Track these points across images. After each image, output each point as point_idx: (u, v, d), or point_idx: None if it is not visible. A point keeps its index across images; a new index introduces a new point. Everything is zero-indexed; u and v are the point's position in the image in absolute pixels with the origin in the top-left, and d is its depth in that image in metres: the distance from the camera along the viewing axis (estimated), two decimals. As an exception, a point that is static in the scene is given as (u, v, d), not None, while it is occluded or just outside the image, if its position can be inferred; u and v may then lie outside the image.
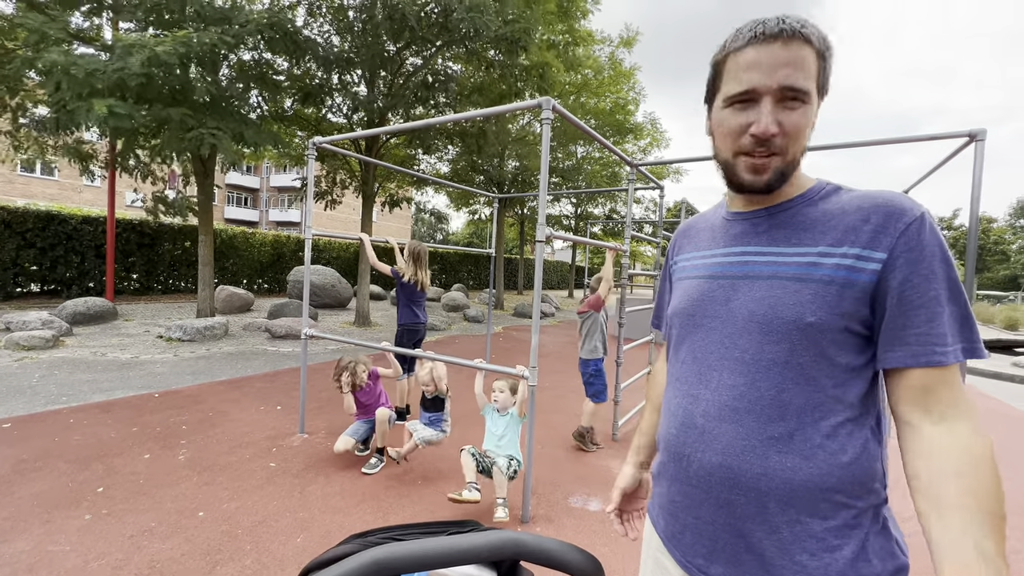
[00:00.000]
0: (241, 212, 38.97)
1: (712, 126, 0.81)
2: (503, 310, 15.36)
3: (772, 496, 0.72)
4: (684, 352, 0.87)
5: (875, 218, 0.70)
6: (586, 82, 14.06)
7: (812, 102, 0.73)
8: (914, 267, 0.67)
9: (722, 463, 0.75)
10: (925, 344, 0.67)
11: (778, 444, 0.72)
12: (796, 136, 0.73)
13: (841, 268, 0.70)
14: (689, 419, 0.81)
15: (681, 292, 0.90)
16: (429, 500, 2.90)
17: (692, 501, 0.80)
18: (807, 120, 0.73)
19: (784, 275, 0.74)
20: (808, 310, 0.71)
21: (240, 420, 4.06)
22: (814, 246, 0.73)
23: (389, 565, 0.48)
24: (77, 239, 10.39)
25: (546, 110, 2.58)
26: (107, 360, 5.89)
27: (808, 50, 0.71)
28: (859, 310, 0.70)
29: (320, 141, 3.74)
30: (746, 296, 0.77)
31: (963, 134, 2.87)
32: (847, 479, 0.70)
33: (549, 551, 0.55)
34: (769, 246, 0.78)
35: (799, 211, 0.77)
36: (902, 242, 0.68)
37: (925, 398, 0.68)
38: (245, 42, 6.88)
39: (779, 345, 0.72)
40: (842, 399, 0.71)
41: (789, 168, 0.75)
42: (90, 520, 2.47)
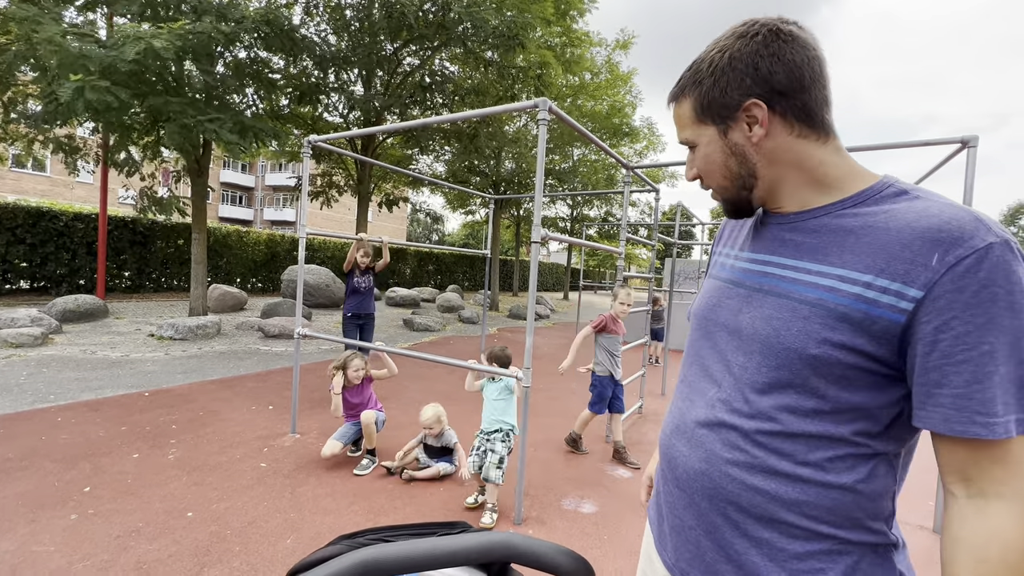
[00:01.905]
0: (235, 211, 38.73)
1: None
2: (498, 311, 15.34)
3: (751, 514, 0.69)
4: (692, 354, 0.85)
5: (918, 243, 0.58)
6: (583, 85, 14.11)
7: (705, 143, 0.76)
8: (960, 311, 0.55)
9: (703, 471, 0.74)
10: (963, 410, 0.55)
11: (762, 465, 0.68)
12: (708, 175, 0.78)
13: (861, 300, 0.61)
14: (682, 423, 0.80)
15: (705, 290, 0.88)
16: (421, 502, 2.89)
17: (678, 504, 0.80)
18: (705, 158, 0.76)
19: (797, 296, 0.67)
20: (813, 341, 0.64)
21: (231, 420, 4.02)
22: (838, 267, 0.64)
23: (377, 566, 0.47)
24: (68, 236, 10.29)
25: (542, 111, 2.57)
26: (97, 358, 5.82)
27: (683, 105, 0.76)
28: (877, 350, 0.61)
29: (316, 139, 3.72)
30: (755, 312, 0.73)
31: (956, 140, 2.89)
32: (837, 510, 0.65)
33: (539, 553, 0.54)
34: (792, 258, 0.71)
35: (833, 219, 0.68)
36: (948, 279, 0.56)
37: (966, 469, 0.58)
38: (241, 39, 6.85)
39: (778, 371, 0.67)
40: (845, 436, 0.65)
41: (732, 197, 0.77)
42: (76, 520, 2.44)
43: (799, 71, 0.67)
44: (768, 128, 0.70)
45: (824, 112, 0.69)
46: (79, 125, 8.29)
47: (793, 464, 0.67)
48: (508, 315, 14.56)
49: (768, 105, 0.68)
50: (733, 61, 0.69)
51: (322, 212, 12.87)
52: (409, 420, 4.30)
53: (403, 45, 9.52)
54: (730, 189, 0.76)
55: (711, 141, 0.75)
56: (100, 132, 8.21)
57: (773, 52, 0.67)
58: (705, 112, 0.74)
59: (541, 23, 9.60)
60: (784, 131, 0.69)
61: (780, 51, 0.67)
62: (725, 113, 0.72)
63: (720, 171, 0.76)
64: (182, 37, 5.81)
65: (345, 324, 4.99)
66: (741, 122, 0.71)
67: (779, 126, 0.69)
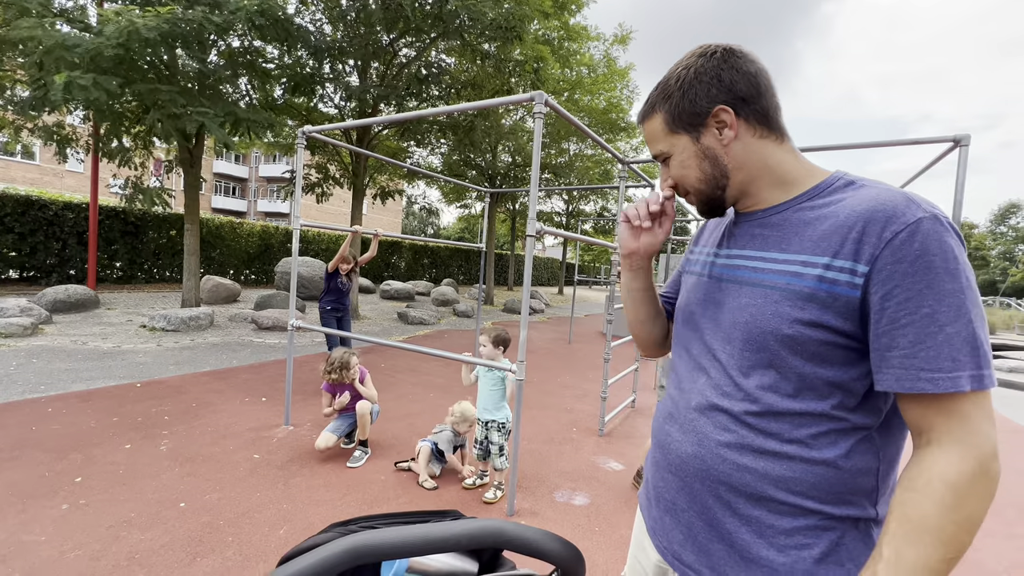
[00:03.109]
0: (228, 202, 38.38)
1: None
2: (493, 306, 15.35)
3: (741, 492, 0.74)
4: (681, 347, 0.91)
5: (860, 224, 0.66)
6: (580, 79, 14.05)
7: (678, 151, 0.82)
8: (900, 280, 0.62)
9: (695, 454, 0.78)
10: (909, 368, 0.61)
11: (752, 445, 0.73)
12: (683, 179, 0.83)
13: (823, 280, 0.68)
14: (675, 410, 0.85)
15: (688, 287, 0.94)
16: (414, 492, 2.90)
17: (670, 488, 0.84)
18: (681, 167, 0.82)
19: (767, 283, 0.75)
20: (785, 322, 0.70)
21: (224, 411, 4.01)
22: (799, 253, 0.72)
23: (368, 552, 0.48)
24: (58, 225, 10.16)
25: (539, 104, 2.57)
26: (88, 349, 5.78)
27: (653, 120, 0.83)
28: (843, 325, 0.67)
29: (310, 130, 3.69)
30: (733, 302, 0.79)
31: (948, 139, 2.91)
32: (821, 486, 0.69)
33: (529, 540, 0.55)
34: (760, 250, 0.78)
35: (792, 214, 0.77)
36: (887, 252, 0.63)
37: (918, 422, 0.64)
38: (234, 27, 6.75)
39: (759, 354, 0.74)
40: (826, 412, 0.69)
41: (707, 200, 0.83)
42: (67, 510, 2.43)
43: (755, 80, 0.76)
44: (736, 131, 0.78)
45: (778, 116, 0.79)
46: (69, 113, 8.16)
47: (780, 442, 0.71)
48: (503, 309, 14.56)
49: (734, 110, 0.77)
50: (699, 75, 0.78)
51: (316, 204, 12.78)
52: (403, 412, 4.31)
53: (399, 36, 9.42)
54: (704, 191, 0.82)
55: (685, 148, 0.81)
56: (91, 120, 8.08)
57: (732, 65, 0.76)
58: (677, 122, 0.81)
59: (539, 16, 9.53)
60: (748, 133, 0.78)
61: (737, 64, 0.76)
62: (696, 121, 0.79)
63: (695, 174, 0.82)
64: (170, 22, 5.71)
65: (324, 316, 5.03)
66: (711, 127, 0.78)
67: (744, 129, 0.78)
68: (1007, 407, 6.39)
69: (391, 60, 10.09)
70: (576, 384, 5.96)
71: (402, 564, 0.67)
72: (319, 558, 0.46)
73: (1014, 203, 50.17)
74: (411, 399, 4.76)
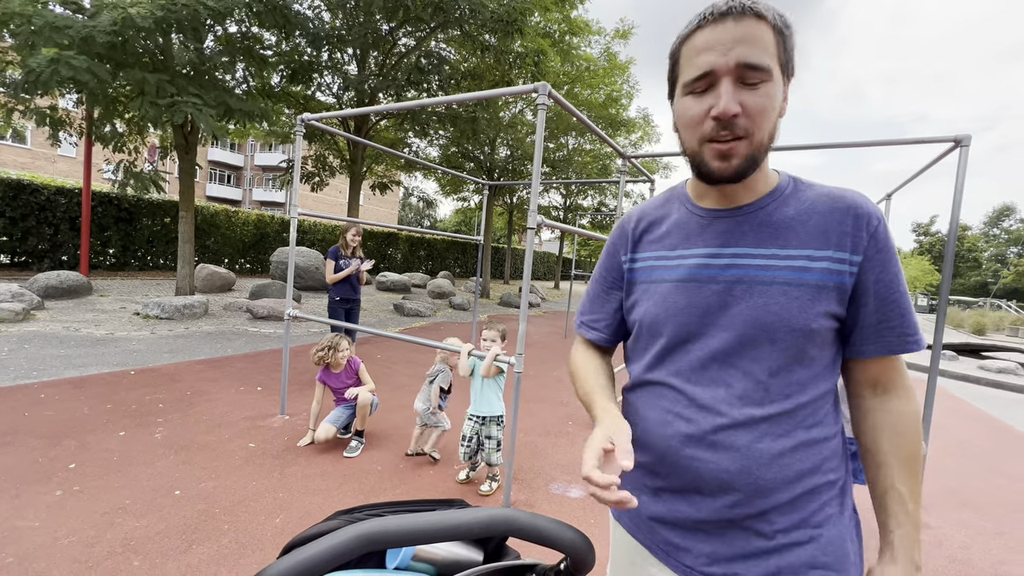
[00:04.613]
0: (224, 190, 38.02)
1: (676, 119, 0.79)
2: (489, 299, 15.34)
3: (789, 490, 0.73)
4: (675, 363, 0.81)
5: (849, 220, 0.73)
6: (580, 74, 13.98)
7: (775, 80, 0.69)
8: (884, 267, 0.73)
9: (743, 469, 0.73)
10: (901, 336, 0.74)
11: (793, 443, 0.74)
12: (760, 117, 0.69)
13: (830, 272, 0.72)
14: (695, 432, 0.77)
15: (659, 297, 0.83)
16: (410, 483, 2.90)
17: (700, 510, 0.78)
18: (771, 100, 0.69)
19: (783, 280, 0.73)
20: (811, 316, 0.72)
21: (219, 400, 3.99)
22: (801, 248, 0.74)
23: (380, 539, 0.47)
24: (50, 210, 10.04)
25: (541, 95, 2.55)
26: (81, 336, 5.73)
27: (763, 26, 0.68)
28: (840, 311, 0.74)
29: (309, 118, 3.65)
30: (748, 302, 0.75)
31: (949, 139, 2.92)
32: (832, 456, 0.76)
33: (542, 528, 0.54)
34: (759, 247, 0.76)
35: (776, 209, 0.77)
36: (872, 244, 0.72)
37: (878, 378, 0.78)
38: (232, 13, 6.65)
39: (787, 352, 0.73)
40: (829, 390, 0.77)
41: (758, 154, 0.72)
42: (61, 496, 2.41)
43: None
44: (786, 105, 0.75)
45: None
46: (62, 96, 8.03)
47: (809, 429, 0.75)
48: (499, 302, 14.56)
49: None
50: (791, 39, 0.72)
51: (313, 194, 12.71)
52: (399, 404, 4.30)
53: (399, 25, 9.33)
54: (765, 143, 0.72)
55: (778, 86, 0.70)
56: (84, 104, 7.96)
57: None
58: (782, 52, 0.70)
59: (540, 9, 9.46)
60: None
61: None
62: (790, 68, 0.73)
63: (771, 123, 0.71)
64: (164, 8, 5.62)
65: (332, 307, 4.95)
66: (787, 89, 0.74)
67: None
68: (995, 408, 6.47)
69: (390, 49, 10.00)
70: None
71: (408, 552, 0.67)
72: (331, 544, 0.45)
73: (1008, 206, 50.60)
74: (407, 390, 4.76)
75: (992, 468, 4.03)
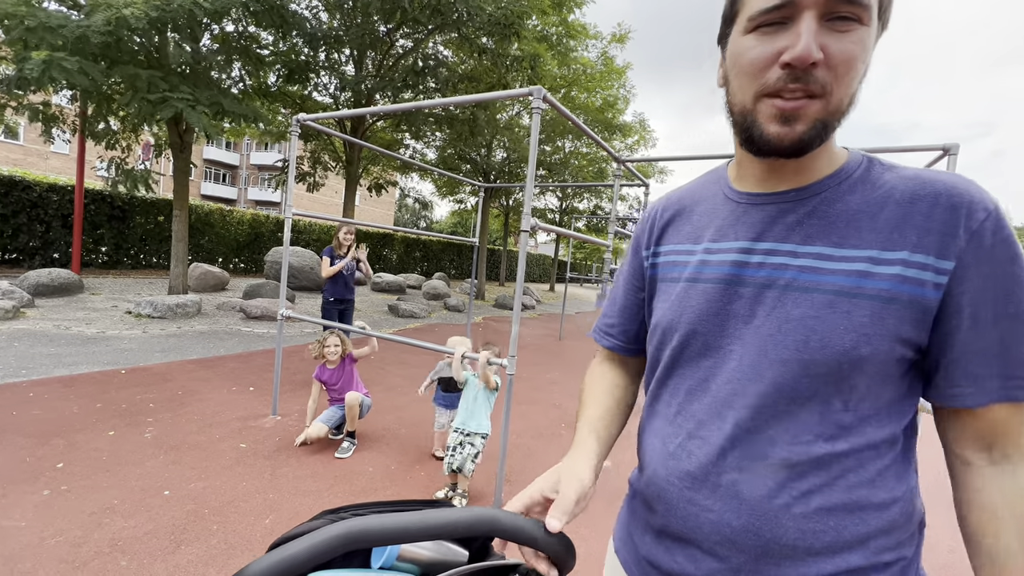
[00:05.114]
0: (218, 189, 37.84)
1: (727, 66, 0.61)
2: (484, 301, 15.34)
3: (811, 562, 0.57)
4: (683, 380, 0.68)
5: (938, 212, 0.54)
6: (577, 77, 14.04)
7: (871, 26, 0.53)
8: (991, 278, 0.52)
9: (747, 526, 0.58)
10: (1003, 377, 0.52)
11: (819, 501, 0.57)
12: (846, 71, 0.52)
13: (903, 280, 0.53)
14: (699, 469, 0.63)
15: (675, 299, 0.69)
16: (401, 485, 2.90)
17: (701, 569, 0.63)
18: (864, 50, 0.53)
19: (830, 287, 0.56)
20: (863, 338, 0.54)
21: (211, 400, 3.97)
22: (863, 248, 0.56)
23: (362, 537, 0.48)
24: (42, 207, 9.96)
25: (536, 99, 2.56)
26: (71, 334, 5.68)
27: None
28: (919, 335, 0.54)
29: (305, 118, 3.65)
30: (778, 314, 0.59)
31: (938, 147, 2.96)
32: (890, 530, 0.58)
33: (523, 529, 0.55)
34: (805, 244, 0.59)
35: (838, 195, 0.59)
36: (974, 245, 0.52)
37: (993, 435, 0.54)
38: (228, 12, 6.64)
39: (824, 383, 0.56)
40: (887, 439, 0.58)
41: (833, 121, 0.55)
42: (48, 496, 2.39)
43: None
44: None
45: None
46: (55, 93, 7.99)
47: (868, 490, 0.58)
48: (494, 304, 14.57)
49: None
50: None
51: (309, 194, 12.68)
52: (392, 405, 4.30)
53: (396, 27, 9.34)
54: (843, 108, 0.55)
55: (873, 35, 0.54)
56: (78, 101, 7.92)
57: None
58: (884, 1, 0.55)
59: (537, 12, 9.51)
60: None
61: None
62: (886, 15, 0.56)
63: (856, 82, 0.55)
64: (158, 8, 5.60)
65: (325, 308, 4.96)
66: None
67: None
68: None
69: (388, 51, 10.01)
70: (565, 380, 6.00)
71: (392, 552, 0.67)
72: (313, 542, 0.46)
73: (998, 213, 51.22)
74: (400, 392, 4.75)
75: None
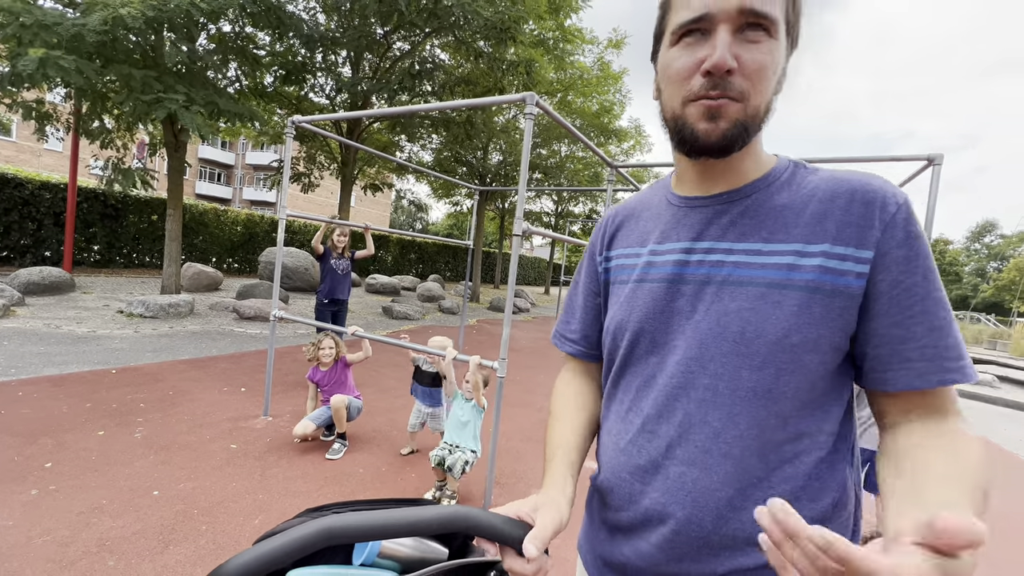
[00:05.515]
0: (213, 188, 37.64)
1: (659, 78, 0.66)
2: (479, 303, 15.35)
3: (749, 552, 0.59)
4: (634, 377, 0.70)
5: (855, 207, 0.58)
6: (573, 82, 14.12)
7: (779, 40, 0.58)
8: (906, 265, 0.56)
9: (691, 517, 0.61)
10: (933, 360, 0.55)
11: (758, 492, 0.59)
12: (759, 77, 0.57)
13: (825, 271, 0.57)
14: (649, 462, 0.66)
15: (624, 299, 0.72)
16: (392, 486, 2.91)
17: (646, 560, 0.66)
18: (773, 60, 0.58)
19: (762, 280, 0.60)
20: (794, 326, 0.58)
21: (202, 400, 3.96)
22: (789, 242, 0.60)
23: (339, 533, 0.50)
24: (34, 205, 9.88)
25: (530, 105, 2.59)
26: (61, 333, 5.64)
27: None
28: (848, 323, 0.58)
29: (300, 120, 3.66)
30: (717, 308, 0.62)
31: (922, 158, 3.02)
32: (822, 516, 0.60)
33: (497, 526, 0.57)
34: (739, 241, 0.63)
35: (767, 196, 0.63)
36: (889, 236, 0.56)
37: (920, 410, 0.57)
38: (225, 13, 6.64)
39: (762, 371, 0.59)
40: (824, 429, 0.61)
41: (751, 123, 0.59)
42: (36, 495, 2.39)
43: None
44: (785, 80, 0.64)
45: None
46: (49, 90, 7.95)
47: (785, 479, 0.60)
48: (488, 307, 14.58)
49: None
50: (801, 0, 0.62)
51: (304, 195, 12.66)
52: (385, 407, 4.30)
53: (393, 29, 9.37)
54: (761, 112, 0.60)
55: (782, 48, 0.59)
56: (72, 98, 7.88)
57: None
58: (795, 15, 0.60)
59: (534, 17, 9.56)
60: None
61: None
62: (795, 32, 0.62)
63: (770, 89, 0.59)
64: (155, 8, 5.60)
65: (318, 309, 4.92)
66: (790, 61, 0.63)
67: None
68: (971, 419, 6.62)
69: (384, 53, 10.04)
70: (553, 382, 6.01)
71: (374, 549, 0.69)
72: (292, 537, 0.48)
73: (990, 221, 51.78)
74: (394, 394, 4.76)
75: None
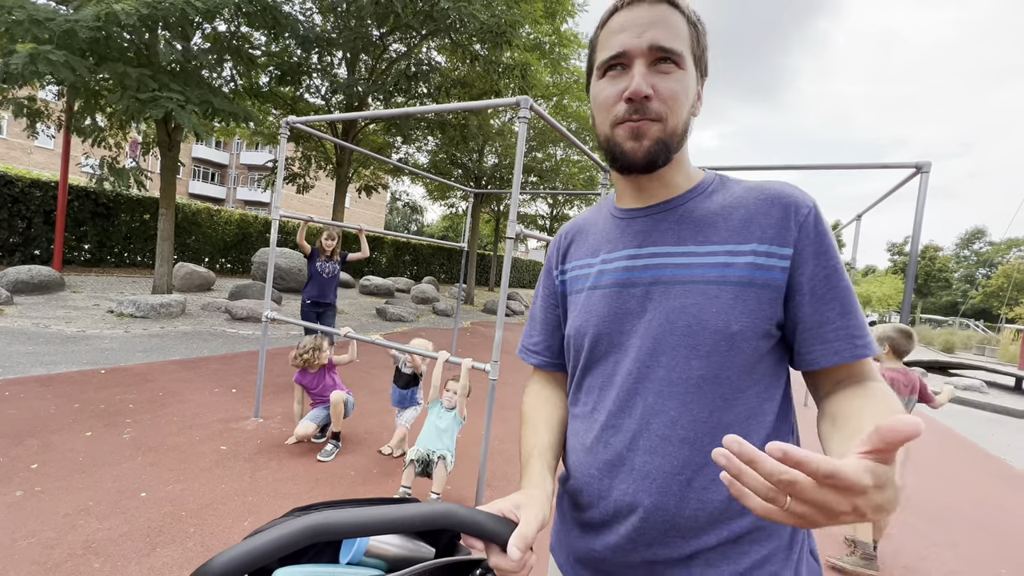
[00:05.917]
0: (207, 188, 37.42)
1: (592, 106, 0.75)
2: (473, 305, 15.33)
3: (711, 531, 0.66)
4: (595, 378, 0.76)
5: (775, 211, 0.67)
6: (569, 86, 14.18)
7: (687, 69, 0.68)
8: (819, 260, 0.65)
9: (658, 503, 0.66)
10: (845, 339, 0.64)
11: (714, 471, 0.65)
12: (672, 101, 0.67)
13: (755, 268, 0.66)
14: (615, 456, 0.70)
15: (581, 307, 0.78)
16: (383, 487, 2.90)
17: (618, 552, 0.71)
18: (683, 88, 0.68)
19: (701, 278, 0.67)
20: (732, 316, 0.65)
21: (192, 401, 3.93)
22: (722, 244, 0.68)
23: (325, 530, 0.50)
24: (24, 203, 9.76)
25: (524, 108, 2.61)
26: (50, 332, 5.58)
27: (676, 14, 0.68)
28: (776, 312, 0.66)
29: (294, 121, 3.66)
30: (664, 306, 0.69)
31: (911, 165, 3.06)
32: None
33: (481, 523, 0.58)
34: (678, 245, 0.70)
35: (698, 204, 0.72)
36: (803, 235, 0.65)
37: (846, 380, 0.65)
38: (221, 12, 6.62)
39: (708, 359, 0.65)
40: (767, 409, 0.68)
41: (671, 141, 0.68)
42: (21, 497, 2.36)
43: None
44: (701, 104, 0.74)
45: None
46: (41, 88, 7.88)
47: None
48: (483, 309, 14.57)
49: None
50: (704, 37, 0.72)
51: (298, 195, 12.61)
52: (377, 408, 4.29)
53: (390, 31, 9.38)
54: (679, 131, 0.69)
55: (691, 77, 0.69)
56: (65, 96, 7.82)
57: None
58: (699, 49, 0.71)
59: (530, 21, 9.61)
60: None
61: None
62: (703, 64, 0.72)
63: (684, 111, 0.69)
64: (150, 5, 5.58)
65: (303, 311, 4.81)
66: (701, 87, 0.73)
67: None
68: (959, 424, 6.69)
69: (380, 55, 10.04)
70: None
71: (361, 547, 0.69)
72: (278, 534, 0.48)
73: (979, 228, 52.41)
74: (385, 396, 4.72)
75: (949, 479, 4.18)
